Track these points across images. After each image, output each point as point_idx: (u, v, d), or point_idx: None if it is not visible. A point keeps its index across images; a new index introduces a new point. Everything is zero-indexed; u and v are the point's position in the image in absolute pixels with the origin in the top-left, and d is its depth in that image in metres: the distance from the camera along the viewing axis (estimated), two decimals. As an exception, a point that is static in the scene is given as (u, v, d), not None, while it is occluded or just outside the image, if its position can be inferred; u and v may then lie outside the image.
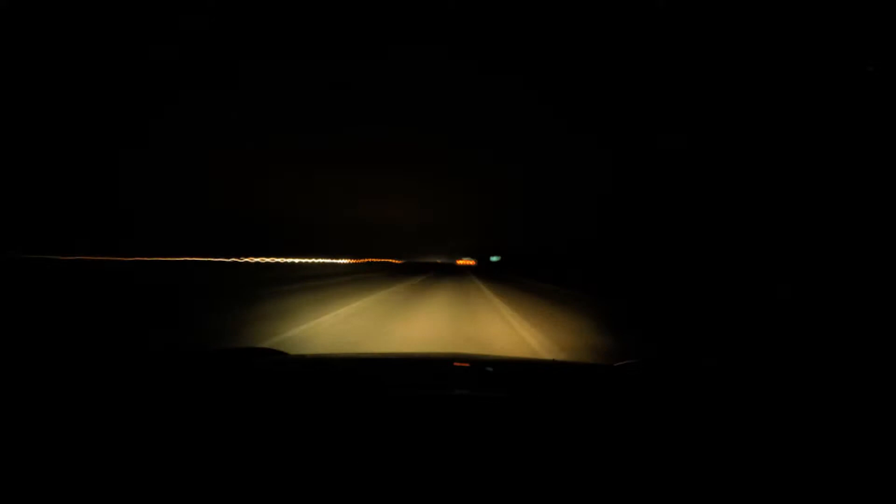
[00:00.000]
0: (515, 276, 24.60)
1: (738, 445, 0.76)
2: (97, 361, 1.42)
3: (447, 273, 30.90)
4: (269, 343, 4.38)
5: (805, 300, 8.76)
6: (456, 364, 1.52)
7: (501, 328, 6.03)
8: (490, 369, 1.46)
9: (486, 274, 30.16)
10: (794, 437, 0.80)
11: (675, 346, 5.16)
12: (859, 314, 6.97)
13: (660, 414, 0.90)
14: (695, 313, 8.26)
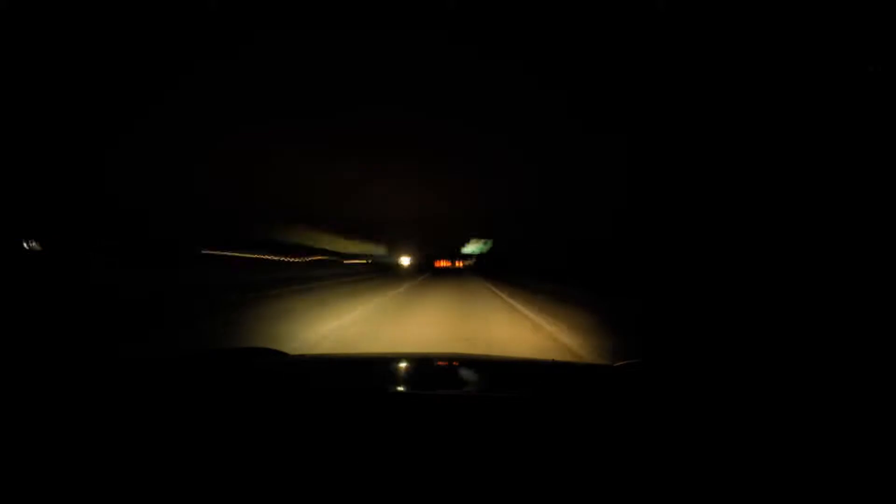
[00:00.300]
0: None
1: (739, 445, 0.76)
2: (92, 365, 1.43)
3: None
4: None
5: (806, 298, 8.76)
6: (457, 364, 1.52)
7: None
8: (491, 369, 1.46)
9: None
10: (795, 436, 0.80)
11: (677, 346, 5.16)
12: (859, 313, 6.97)
13: (660, 414, 0.90)
14: (702, 312, 8.23)
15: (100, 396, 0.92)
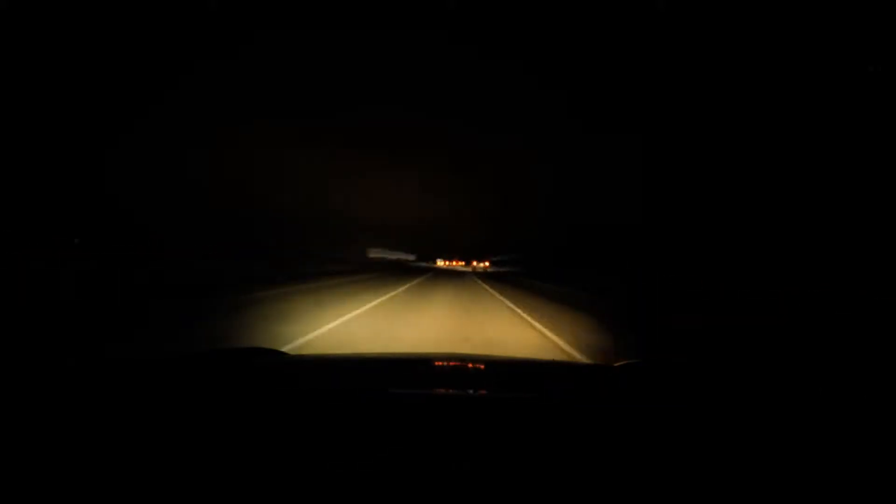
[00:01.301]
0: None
1: (739, 446, 0.75)
2: (91, 365, 1.42)
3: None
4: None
5: (809, 299, 8.75)
6: (457, 364, 1.52)
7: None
8: (491, 369, 1.46)
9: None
10: (795, 437, 0.80)
11: (679, 348, 5.15)
12: (860, 314, 6.96)
13: (660, 415, 0.90)
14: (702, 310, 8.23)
15: (99, 397, 0.92)
